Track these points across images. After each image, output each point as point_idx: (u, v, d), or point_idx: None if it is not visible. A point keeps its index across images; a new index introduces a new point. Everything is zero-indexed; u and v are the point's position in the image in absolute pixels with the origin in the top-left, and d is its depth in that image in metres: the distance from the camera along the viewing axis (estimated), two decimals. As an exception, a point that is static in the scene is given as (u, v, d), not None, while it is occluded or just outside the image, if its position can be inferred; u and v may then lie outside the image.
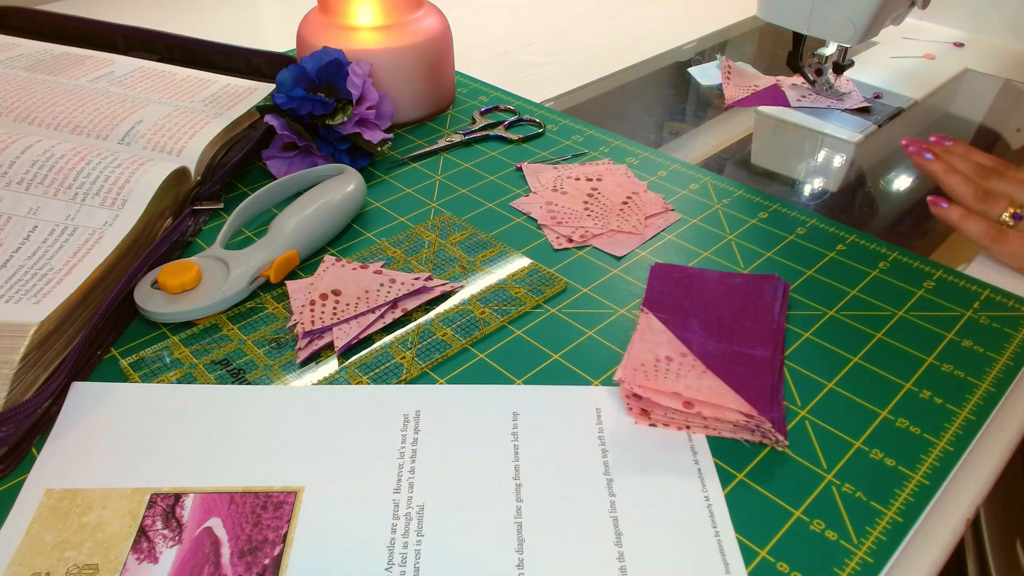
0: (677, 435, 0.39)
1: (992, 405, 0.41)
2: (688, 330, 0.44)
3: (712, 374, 0.40)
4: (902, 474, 0.37)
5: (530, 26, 0.94)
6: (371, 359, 0.44)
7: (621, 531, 0.35)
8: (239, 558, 0.33)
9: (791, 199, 0.61)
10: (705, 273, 0.49)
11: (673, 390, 0.39)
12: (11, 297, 0.43)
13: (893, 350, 0.45)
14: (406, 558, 0.33)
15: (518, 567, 0.33)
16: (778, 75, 0.78)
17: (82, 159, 0.51)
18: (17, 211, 0.49)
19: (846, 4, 0.63)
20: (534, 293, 0.48)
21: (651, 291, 0.47)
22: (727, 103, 0.75)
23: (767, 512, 0.36)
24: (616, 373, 0.40)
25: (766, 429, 0.38)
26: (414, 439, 0.39)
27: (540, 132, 0.67)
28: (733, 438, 0.39)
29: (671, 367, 0.41)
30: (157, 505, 0.35)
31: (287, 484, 0.36)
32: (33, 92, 0.60)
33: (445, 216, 0.56)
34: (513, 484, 0.37)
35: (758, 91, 0.77)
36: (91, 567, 0.33)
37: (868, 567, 0.33)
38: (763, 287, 0.48)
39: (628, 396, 0.40)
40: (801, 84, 0.75)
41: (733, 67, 0.80)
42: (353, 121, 0.59)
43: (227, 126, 0.59)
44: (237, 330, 0.46)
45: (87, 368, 0.43)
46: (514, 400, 0.41)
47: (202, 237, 0.54)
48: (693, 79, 0.82)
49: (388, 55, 0.63)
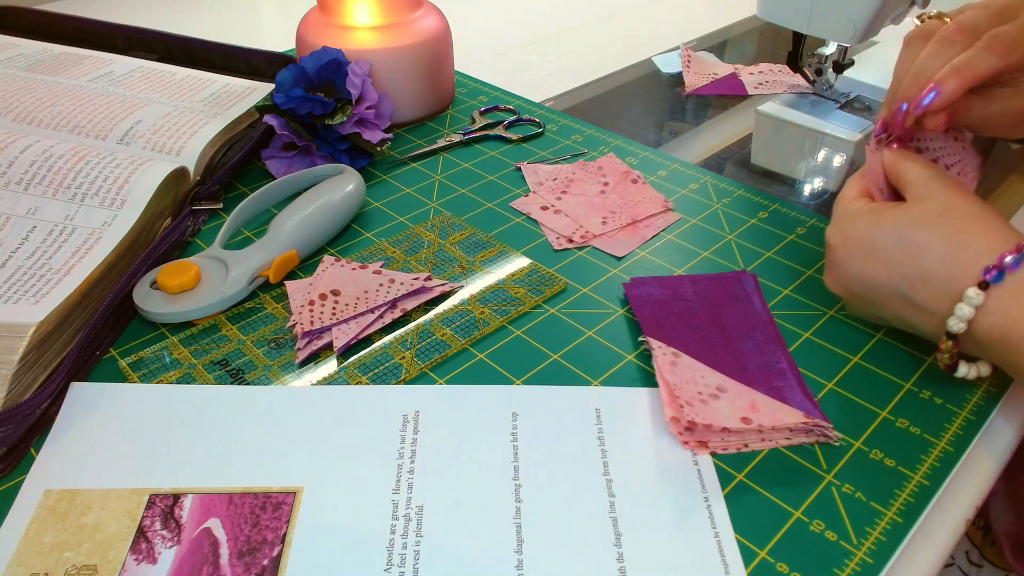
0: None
1: (993, 405, 0.41)
2: (689, 344, 0.44)
3: (751, 388, 0.40)
4: (902, 474, 0.37)
5: (530, 26, 0.94)
6: (370, 359, 0.44)
7: (620, 531, 0.34)
8: (238, 559, 0.33)
9: (791, 199, 0.61)
10: (679, 283, 0.48)
11: (729, 414, 0.38)
12: (10, 297, 0.42)
13: (893, 350, 0.44)
14: (405, 558, 0.33)
15: (517, 567, 0.33)
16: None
17: (81, 159, 0.51)
18: (16, 211, 0.48)
19: (846, 4, 0.63)
20: (534, 293, 0.48)
21: (641, 317, 0.46)
22: (687, 91, 0.77)
23: (766, 512, 0.36)
24: (666, 415, 0.39)
25: (824, 427, 0.39)
26: (413, 439, 0.39)
27: (540, 132, 0.67)
28: (789, 444, 0.39)
29: (710, 390, 0.40)
30: (156, 505, 0.35)
31: (286, 485, 0.36)
32: (32, 92, 0.60)
33: (444, 216, 0.56)
34: (512, 484, 0.36)
35: (717, 79, 0.79)
36: (90, 567, 0.33)
37: (868, 567, 0.33)
38: (733, 286, 0.48)
39: (681, 432, 0.39)
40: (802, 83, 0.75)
41: (693, 56, 0.83)
42: (352, 121, 0.58)
43: (226, 126, 0.59)
44: (236, 330, 0.46)
45: (86, 368, 0.43)
46: (513, 400, 0.41)
47: (201, 237, 0.54)
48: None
49: (387, 55, 0.63)
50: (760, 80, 0.78)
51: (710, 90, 0.77)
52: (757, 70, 0.80)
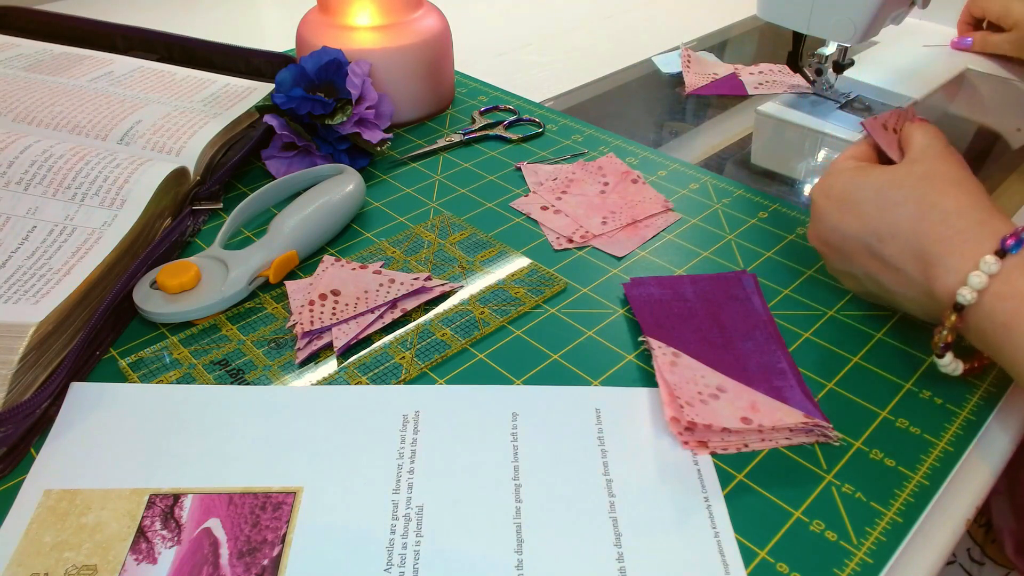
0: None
1: (992, 405, 0.41)
2: (689, 344, 0.44)
3: (751, 388, 0.40)
4: (902, 474, 0.37)
5: (530, 26, 0.94)
6: (370, 359, 0.44)
7: (620, 531, 0.34)
8: (238, 559, 0.33)
9: (791, 199, 0.61)
10: (679, 283, 0.48)
11: (729, 414, 0.38)
12: (10, 297, 0.42)
13: (893, 350, 0.44)
14: (405, 559, 0.33)
15: (517, 567, 0.33)
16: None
17: (81, 159, 0.51)
18: (16, 211, 0.48)
19: (846, 4, 0.63)
20: (534, 293, 0.48)
21: (642, 317, 0.46)
22: (687, 91, 0.77)
23: (766, 512, 0.36)
24: (665, 415, 0.39)
25: (824, 427, 0.39)
26: (413, 439, 0.39)
27: (540, 132, 0.67)
28: (789, 444, 0.39)
29: (710, 390, 0.40)
30: (156, 505, 0.35)
31: (286, 485, 0.36)
32: (32, 92, 0.60)
33: (444, 216, 0.56)
34: (512, 484, 0.36)
35: (717, 79, 0.79)
36: (90, 568, 0.33)
37: (868, 567, 0.33)
38: (733, 286, 0.48)
39: (681, 432, 0.39)
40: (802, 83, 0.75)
41: (693, 56, 0.83)
42: (352, 121, 0.58)
43: (226, 126, 0.59)
44: (236, 330, 0.46)
45: (86, 368, 0.43)
46: (513, 400, 0.41)
47: (201, 237, 0.54)
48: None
49: (387, 55, 0.63)
50: (760, 80, 0.78)
51: (710, 90, 0.78)
52: (757, 70, 0.80)
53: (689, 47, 0.84)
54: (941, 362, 0.40)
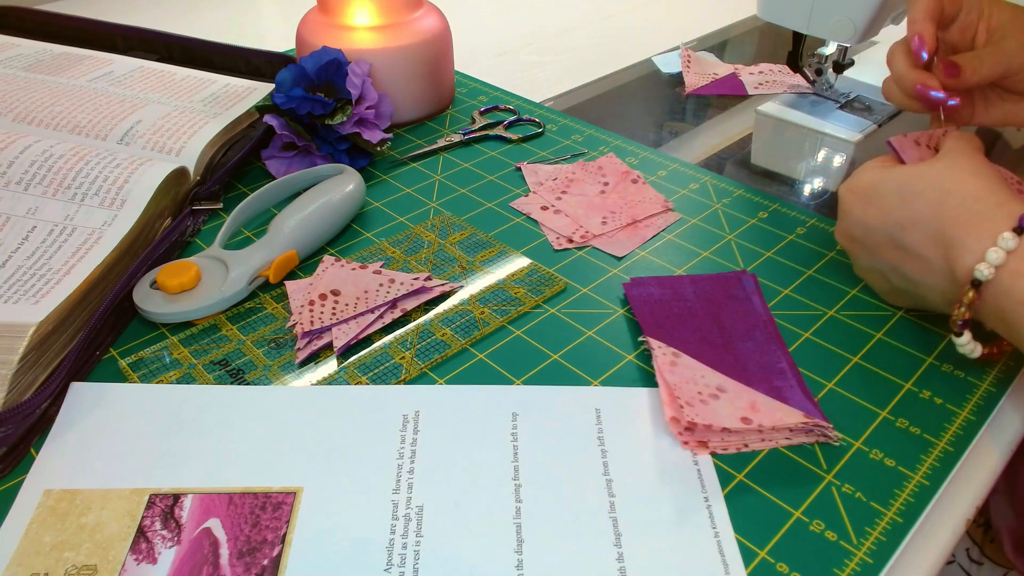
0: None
1: (992, 405, 0.41)
2: (689, 344, 0.44)
3: (751, 388, 0.40)
4: (902, 474, 0.37)
5: (530, 26, 0.94)
6: (370, 359, 0.44)
7: (620, 531, 0.34)
8: (238, 559, 0.33)
9: (791, 199, 0.61)
10: (679, 283, 0.48)
11: (729, 414, 0.38)
12: (10, 297, 0.42)
13: (893, 350, 0.44)
14: (405, 559, 0.33)
15: (517, 568, 0.33)
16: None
17: (81, 159, 0.51)
18: (16, 211, 0.48)
19: (846, 4, 0.63)
20: (534, 293, 0.48)
21: (642, 317, 0.45)
22: (687, 91, 0.77)
23: (766, 512, 0.36)
24: (665, 415, 0.39)
25: (824, 427, 0.39)
26: (413, 439, 0.39)
27: (540, 132, 0.67)
28: (789, 444, 0.39)
29: (710, 390, 0.40)
30: (156, 505, 0.35)
31: (286, 485, 0.36)
32: (32, 92, 0.60)
33: (444, 216, 0.56)
34: (512, 484, 0.36)
35: (717, 79, 0.79)
36: (90, 568, 0.33)
37: (868, 567, 0.33)
38: (733, 286, 0.48)
39: (681, 432, 0.39)
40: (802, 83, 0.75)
41: (693, 56, 0.83)
42: (352, 121, 0.58)
43: (226, 126, 0.59)
44: (236, 330, 0.46)
45: (86, 368, 0.43)
46: (513, 400, 0.41)
47: (201, 237, 0.54)
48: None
49: (387, 55, 0.63)
50: (760, 80, 0.78)
51: (710, 90, 0.78)
52: (757, 70, 0.80)
53: (689, 47, 0.84)
54: (959, 341, 0.40)
